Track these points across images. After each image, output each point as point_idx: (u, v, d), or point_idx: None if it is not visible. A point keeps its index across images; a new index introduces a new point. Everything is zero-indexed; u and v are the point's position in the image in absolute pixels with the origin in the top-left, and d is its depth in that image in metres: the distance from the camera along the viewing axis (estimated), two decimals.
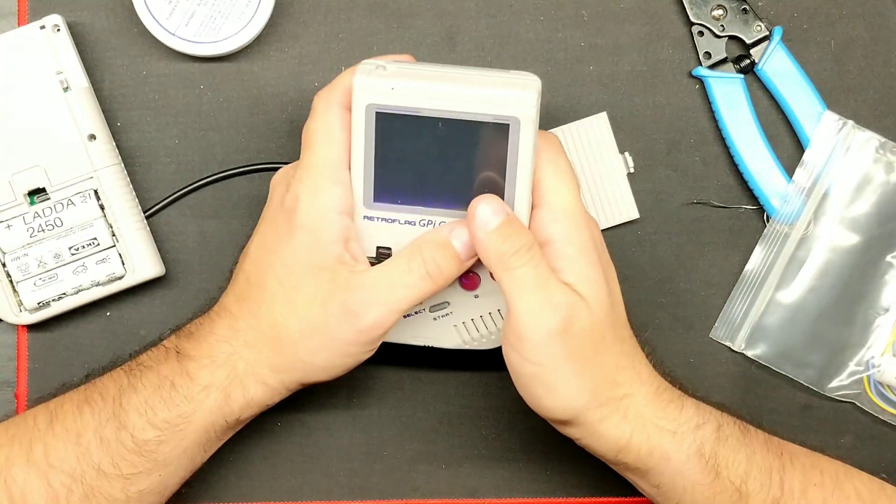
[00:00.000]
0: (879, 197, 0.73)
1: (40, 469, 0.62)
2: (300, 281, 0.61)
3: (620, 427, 0.61)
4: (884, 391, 0.73)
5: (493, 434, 0.74)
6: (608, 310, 0.60)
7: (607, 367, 0.61)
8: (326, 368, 0.62)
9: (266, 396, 0.63)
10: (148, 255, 0.70)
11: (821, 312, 0.73)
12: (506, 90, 0.58)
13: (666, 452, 0.62)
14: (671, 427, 0.61)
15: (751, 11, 0.72)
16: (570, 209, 0.60)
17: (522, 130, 0.58)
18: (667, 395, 0.62)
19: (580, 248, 0.60)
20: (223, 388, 0.62)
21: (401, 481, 0.74)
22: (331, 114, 0.60)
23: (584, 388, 0.60)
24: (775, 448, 0.64)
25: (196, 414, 0.62)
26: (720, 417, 0.63)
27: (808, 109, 0.72)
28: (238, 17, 0.70)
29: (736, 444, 0.62)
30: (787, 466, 0.63)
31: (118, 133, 0.72)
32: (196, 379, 0.62)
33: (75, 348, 0.72)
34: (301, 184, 0.60)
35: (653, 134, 0.73)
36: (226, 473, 0.73)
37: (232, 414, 0.63)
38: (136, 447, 0.62)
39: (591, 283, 0.60)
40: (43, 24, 0.69)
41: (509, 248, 0.58)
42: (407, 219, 0.61)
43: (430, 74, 0.59)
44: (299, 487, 0.73)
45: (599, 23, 0.73)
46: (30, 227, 0.69)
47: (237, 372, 0.62)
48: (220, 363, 0.62)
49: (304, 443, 0.73)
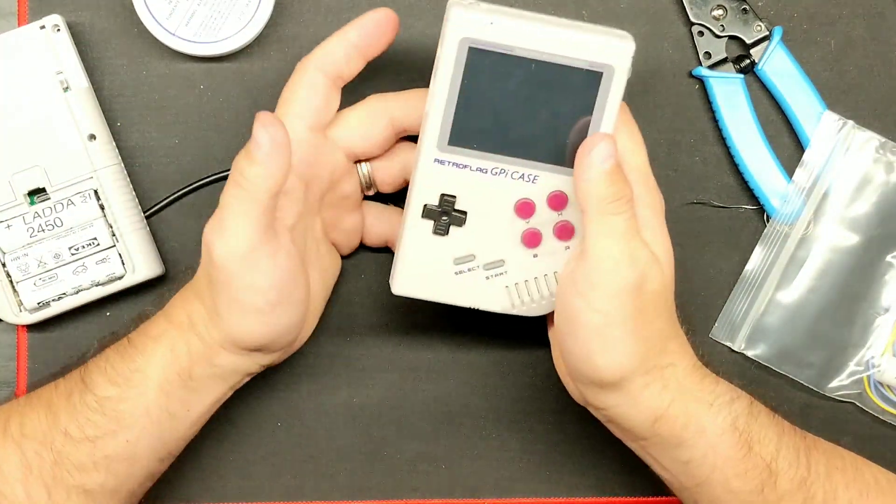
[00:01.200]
0: (879, 197, 0.73)
1: (14, 440, 0.63)
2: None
3: (661, 396, 0.61)
4: (884, 391, 0.73)
5: (493, 434, 0.74)
6: (671, 277, 0.61)
7: (663, 333, 0.61)
8: (231, 318, 0.61)
9: (208, 353, 0.63)
10: (148, 255, 0.70)
11: (821, 312, 0.73)
12: (605, 37, 0.57)
13: (702, 424, 0.61)
14: (709, 399, 0.61)
15: (751, 11, 0.72)
16: (644, 171, 0.61)
17: (615, 81, 0.57)
18: (703, 369, 0.63)
19: (654, 211, 0.61)
20: (169, 339, 0.63)
21: (401, 481, 0.74)
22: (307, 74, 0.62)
23: (639, 350, 0.60)
24: (799, 431, 0.64)
25: (149, 367, 0.62)
26: (749, 395, 0.63)
27: (808, 109, 0.72)
28: (238, 17, 0.70)
29: (766, 422, 0.62)
30: (811, 448, 0.63)
31: (118, 133, 0.72)
32: (148, 333, 0.63)
33: (75, 348, 0.72)
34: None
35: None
36: (226, 473, 0.73)
37: (181, 367, 0.63)
38: (98, 406, 0.62)
39: (662, 247, 0.61)
40: (43, 24, 0.69)
41: (612, 194, 0.58)
42: (479, 165, 0.60)
43: (527, 15, 0.58)
44: (299, 487, 0.73)
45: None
46: (30, 227, 0.69)
47: (178, 322, 0.63)
48: (170, 318, 0.63)
49: (304, 443, 0.73)
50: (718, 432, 0.61)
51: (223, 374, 0.64)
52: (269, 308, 0.61)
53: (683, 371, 0.62)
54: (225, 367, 0.63)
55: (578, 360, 0.61)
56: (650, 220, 0.61)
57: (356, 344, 0.73)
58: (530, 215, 0.61)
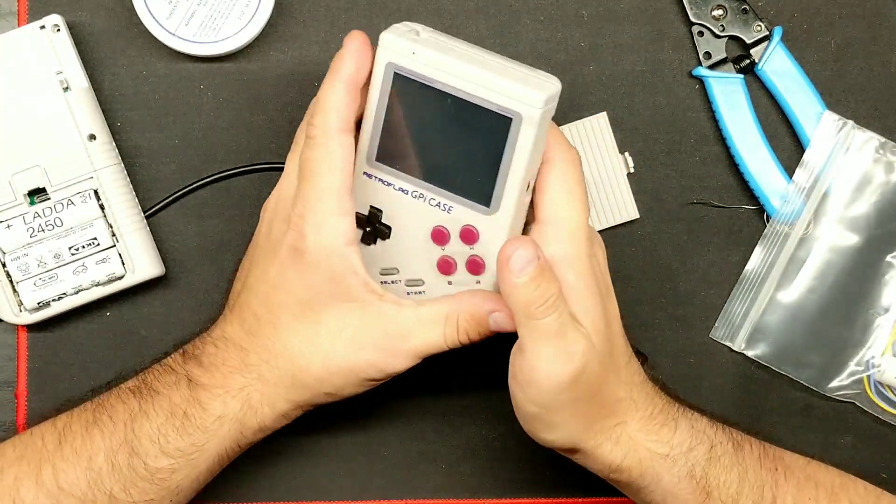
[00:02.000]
0: (879, 197, 0.73)
1: (50, 492, 0.61)
2: (322, 315, 0.60)
3: (613, 452, 0.61)
4: (884, 391, 0.73)
5: (493, 434, 0.74)
6: (606, 342, 0.60)
7: (606, 400, 0.60)
8: (346, 396, 0.63)
9: (279, 422, 0.63)
10: (148, 255, 0.70)
11: (821, 312, 0.73)
12: (517, 85, 0.57)
13: (658, 474, 0.62)
14: (663, 450, 0.62)
15: (751, 11, 0.72)
16: (575, 230, 0.59)
17: (523, 129, 0.58)
18: (661, 417, 0.62)
19: (579, 274, 0.59)
20: (237, 419, 0.62)
21: (401, 481, 0.74)
22: (332, 141, 0.58)
23: (580, 425, 0.60)
24: (770, 463, 0.64)
25: (209, 443, 0.62)
26: (714, 436, 0.63)
27: (808, 109, 0.72)
28: (238, 17, 0.70)
29: (728, 463, 0.62)
30: (780, 482, 0.63)
31: (118, 133, 0.72)
32: (209, 409, 0.61)
33: (75, 348, 0.72)
34: (304, 220, 0.59)
35: (653, 134, 0.73)
36: (226, 473, 0.73)
37: (244, 440, 0.63)
38: (148, 475, 0.61)
39: (589, 314, 0.59)
40: (43, 24, 0.69)
41: (537, 299, 0.57)
42: (401, 186, 0.61)
43: (455, 50, 0.58)
44: (299, 487, 0.73)
45: (599, 23, 0.73)
46: (30, 227, 0.69)
47: (251, 403, 0.62)
48: (233, 394, 0.62)
49: (305, 443, 0.73)
50: (675, 481, 0.62)
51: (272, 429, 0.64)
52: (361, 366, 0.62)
53: (637, 424, 0.62)
54: (278, 426, 0.64)
55: (529, 433, 0.62)
56: (574, 287, 0.59)
57: None
58: (445, 243, 0.61)
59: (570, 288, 0.59)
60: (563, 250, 0.59)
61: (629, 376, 0.62)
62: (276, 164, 0.72)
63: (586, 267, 0.59)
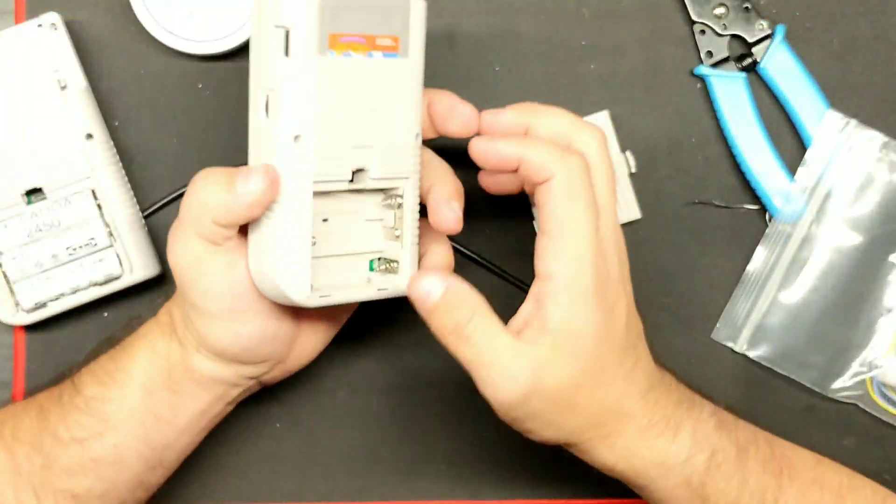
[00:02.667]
0: (882, 196, 0.73)
1: (6, 443, 0.63)
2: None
3: (606, 456, 0.62)
4: (887, 392, 0.73)
5: (493, 434, 0.74)
6: (590, 359, 0.59)
7: (589, 411, 0.60)
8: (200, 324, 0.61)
9: (185, 357, 0.63)
10: (145, 256, 0.70)
11: (823, 313, 0.73)
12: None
13: (653, 480, 0.62)
14: (659, 459, 0.61)
15: (753, 10, 0.72)
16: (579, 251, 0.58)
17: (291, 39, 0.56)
18: (660, 426, 0.61)
19: (575, 297, 0.58)
20: (151, 339, 0.63)
21: (401, 482, 0.74)
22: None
23: (564, 431, 0.60)
24: (775, 466, 0.63)
25: (132, 366, 0.63)
26: (717, 442, 0.62)
27: (811, 108, 0.72)
28: (236, 16, 0.70)
29: (729, 471, 0.62)
30: (784, 485, 0.63)
31: (116, 132, 0.72)
32: (139, 332, 0.64)
33: (73, 349, 0.72)
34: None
35: (654, 133, 0.73)
36: (226, 474, 0.73)
37: (163, 368, 0.63)
38: (84, 406, 0.63)
39: (573, 338, 0.58)
40: (40, 23, 0.69)
41: (443, 327, 0.58)
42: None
43: None
44: (299, 488, 0.73)
45: (600, 22, 0.73)
46: (27, 226, 0.69)
47: (161, 322, 0.64)
48: (157, 318, 0.64)
49: (304, 443, 0.73)
50: (671, 487, 0.62)
51: (203, 381, 0.63)
52: (230, 315, 0.60)
53: (633, 433, 0.61)
54: (203, 374, 0.63)
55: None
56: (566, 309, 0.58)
57: (356, 344, 0.73)
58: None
59: (562, 309, 0.58)
60: (563, 270, 0.58)
61: (626, 387, 0.61)
62: None
63: (585, 287, 0.58)
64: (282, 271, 0.58)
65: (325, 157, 0.57)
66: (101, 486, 0.63)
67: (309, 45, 0.56)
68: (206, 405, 0.64)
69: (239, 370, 0.63)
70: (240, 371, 0.64)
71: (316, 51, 0.56)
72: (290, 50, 0.56)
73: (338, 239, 0.61)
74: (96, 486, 0.63)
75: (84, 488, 0.63)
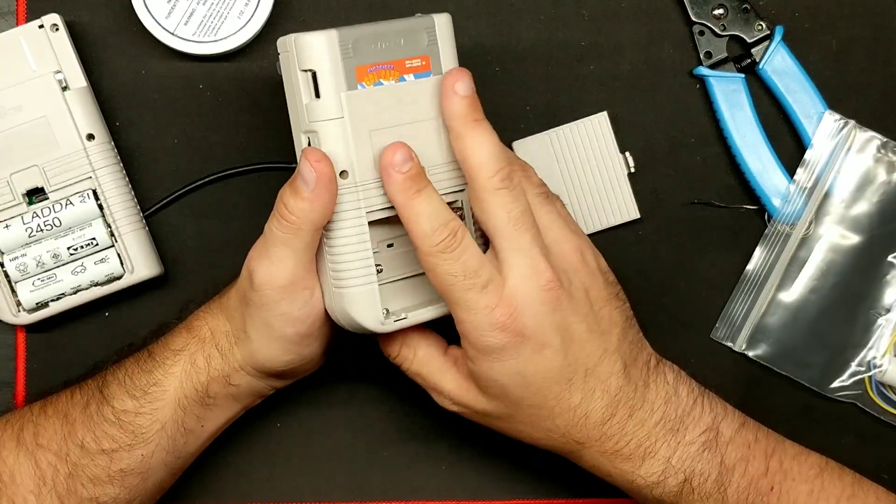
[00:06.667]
0: (881, 197, 0.73)
1: (29, 450, 0.63)
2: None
3: (580, 464, 0.63)
4: (885, 391, 0.73)
5: (492, 434, 0.73)
6: (513, 401, 0.60)
7: (535, 436, 0.62)
8: (259, 341, 0.62)
9: (225, 369, 0.63)
10: (146, 255, 0.70)
11: (822, 313, 0.73)
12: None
13: (626, 491, 0.63)
14: (627, 479, 0.62)
15: (752, 10, 0.72)
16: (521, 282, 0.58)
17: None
18: (627, 450, 0.61)
19: (479, 352, 0.59)
20: (189, 352, 0.63)
21: (401, 482, 0.74)
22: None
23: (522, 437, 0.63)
24: (764, 485, 0.62)
25: (167, 381, 0.63)
26: (696, 465, 0.61)
27: (810, 109, 0.72)
28: (237, 16, 0.70)
29: (706, 493, 0.62)
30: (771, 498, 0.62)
31: (117, 133, 0.72)
32: (169, 345, 0.64)
33: (74, 349, 0.72)
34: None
35: (653, 134, 0.73)
36: (226, 473, 0.73)
37: (199, 383, 0.63)
38: (115, 419, 0.63)
39: (490, 384, 0.60)
40: (41, 23, 0.69)
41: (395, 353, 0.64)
42: None
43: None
44: (299, 488, 0.73)
45: (600, 22, 0.73)
46: (28, 227, 0.69)
47: (201, 337, 0.64)
48: (193, 331, 0.64)
49: (304, 443, 0.73)
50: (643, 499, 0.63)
51: (238, 394, 0.65)
52: (298, 339, 0.62)
53: (593, 456, 0.62)
54: (241, 388, 0.64)
55: None
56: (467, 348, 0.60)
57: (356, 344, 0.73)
58: None
59: (468, 357, 0.60)
60: (461, 329, 0.59)
61: (573, 420, 0.61)
62: (275, 163, 0.72)
63: (483, 342, 0.58)
64: (354, 304, 0.59)
65: (374, 186, 0.58)
66: (127, 494, 0.64)
67: (337, 83, 0.57)
68: (234, 415, 0.66)
69: (275, 383, 0.65)
70: (275, 384, 0.66)
71: (345, 87, 0.57)
72: (319, 91, 0.57)
73: (405, 260, 0.62)
74: (122, 494, 0.64)
75: (110, 497, 0.63)
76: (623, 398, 0.61)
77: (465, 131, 0.58)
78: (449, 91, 0.58)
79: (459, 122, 0.58)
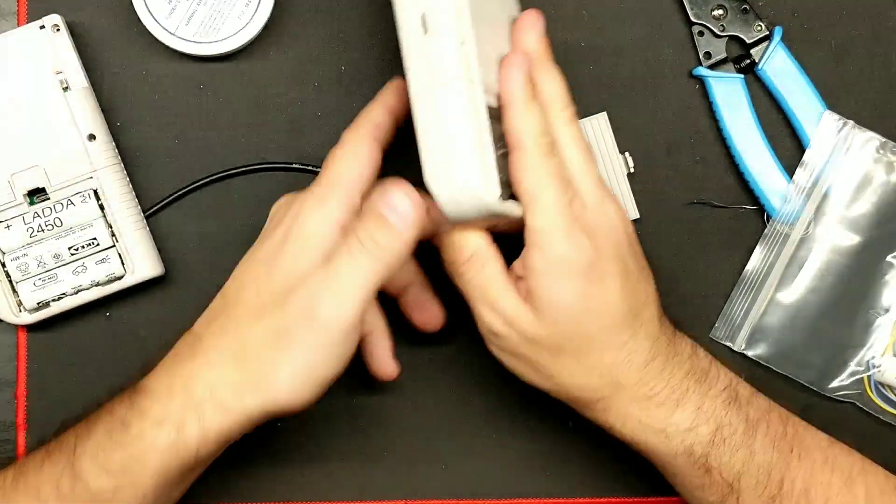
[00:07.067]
0: (880, 197, 0.73)
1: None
2: (277, 287, 0.58)
3: (603, 417, 0.63)
4: (884, 391, 0.73)
5: (493, 434, 0.74)
6: (570, 328, 0.60)
7: (575, 373, 0.61)
8: (291, 385, 0.58)
9: (225, 425, 0.58)
10: (147, 255, 0.70)
11: (821, 313, 0.73)
12: None
13: (653, 445, 0.63)
14: (659, 426, 0.62)
15: (751, 11, 0.72)
16: (544, 224, 0.59)
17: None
18: (661, 396, 0.62)
19: (546, 269, 0.59)
20: (176, 421, 0.57)
21: (401, 481, 0.74)
22: (361, 144, 0.61)
23: (550, 381, 0.62)
24: (786, 444, 0.63)
25: (149, 454, 0.57)
26: (724, 417, 0.62)
27: (809, 109, 0.72)
28: (238, 17, 0.70)
29: (735, 445, 0.62)
30: (792, 464, 0.63)
31: (118, 133, 0.72)
32: (148, 413, 0.57)
33: (75, 349, 0.72)
34: (311, 193, 0.60)
35: (653, 134, 0.73)
36: (226, 473, 0.73)
37: (188, 451, 0.58)
38: (90, 498, 0.57)
39: (551, 307, 0.59)
40: (42, 24, 0.69)
41: (453, 262, 0.61)
42: None
43: None
44: (299, 488, 0.73)
45: (599, 23, 0.73)
46: (29, 227, 0.69)
47: (194, 398, 0.57)
48: (176, 391, 0.58)
49: (304, 443, 0.73)
50: (672, 454, 0.62)
51: (229, 443, 0.60)
52: (332, 379, 0.60)
53: (629, 400, 0.62)
54: (234, 438, 0.60)
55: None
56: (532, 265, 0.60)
57: None
58: None
59: (531, 273, 0.59)
60: (530, 241, 0.59)
61: (619, 357, 0.61)
62: (276, 163, 0.72)
63: (550, 259, 0.59)
64: (474, 173, 0.56)
65: (482, 64, 0.59)
66: None
67: None
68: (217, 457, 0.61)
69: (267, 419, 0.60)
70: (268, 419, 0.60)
71: None
72: None
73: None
74: None
75: None
76: (660, 344, 0.62)
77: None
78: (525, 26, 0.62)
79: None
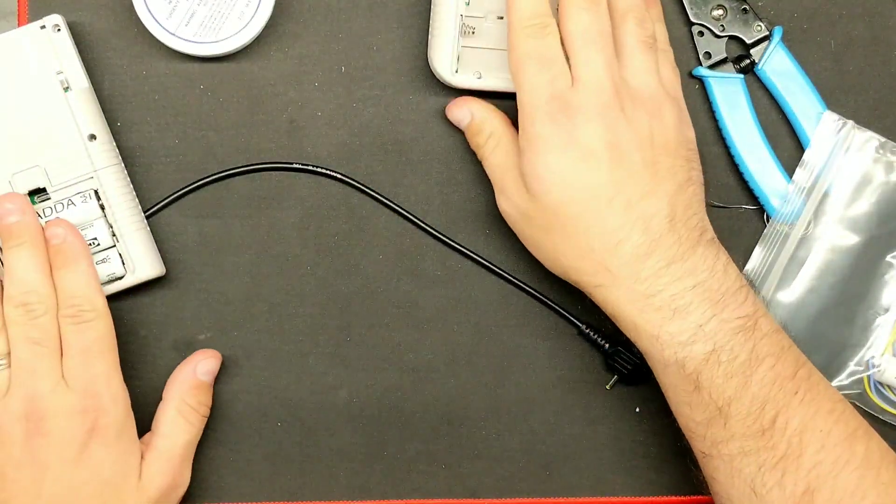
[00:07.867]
0: (879, 197, 0.73)
1: None
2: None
3: (603, 306, 0.64)
4: (884, 391, 0.73)
5: (493, 434, 0.74)
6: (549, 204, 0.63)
7: (572, 250, 0.63)
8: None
9: None
10: (148, 255, 0.70)
11: (821, 312, 0.73)
12: None
13: (646, 349, 0.63)
14: (652, 332, 0.62)
15: (751, 11, 0.72)
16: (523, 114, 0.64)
17: None
18: (658, 300, 0.62)
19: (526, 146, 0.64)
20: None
21: (401, 481, 0.74)
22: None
23: (550, 257, 0.65)
24: (791, 385, 0.62)
25: None
26: (726, 341, 0.62)
27: (808, 109, 0.73)
28: (238, 17, 0.70)
29: (730, 372, 0.62)
30: (792, 405, 0.62)
31: (118, 133, 0.72)
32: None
33: None
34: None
35: None
36: (226, 473, 0.73)
37: None
38: None
39: (540, 183, 0.63)
40: (43, 24, 0.69)
41: (474, 143, 0.69)
42: None
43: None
44: (299, 488, 0.73)
45: None
46: None
47: None
48: None
49: (304, 443, 0.73)
50: (664, 363, 0.63)
51: None
52: None
53: (625, 296, 0.62)
54: None
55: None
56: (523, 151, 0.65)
57: (356, 344, 0.73)
58: None
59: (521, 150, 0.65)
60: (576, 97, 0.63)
61: (609, 244, 0.62)
62: (276, 163, 0.72)
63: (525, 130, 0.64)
64: (436, 51, 0.70)
65: None
66: None
67: None
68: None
69: None
70: None
71: None
72: None
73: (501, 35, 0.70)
74: None
75: None
76: (663, 245, 0.62)
77: None
78: None
79: None
